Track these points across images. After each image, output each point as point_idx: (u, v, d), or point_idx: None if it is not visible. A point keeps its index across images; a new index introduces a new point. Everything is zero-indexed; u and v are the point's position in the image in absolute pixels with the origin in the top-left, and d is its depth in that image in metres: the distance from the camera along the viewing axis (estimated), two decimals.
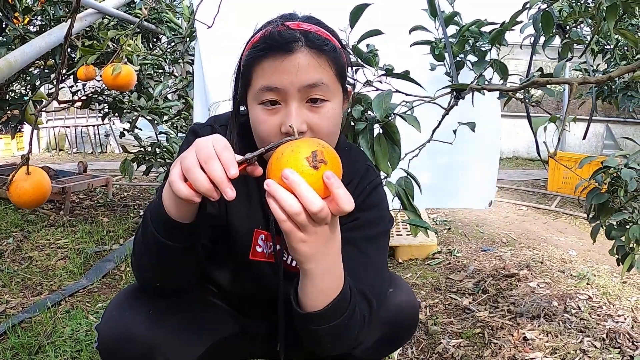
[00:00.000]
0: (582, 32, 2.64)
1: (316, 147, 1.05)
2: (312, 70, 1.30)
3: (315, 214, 1.02)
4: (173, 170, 1.07)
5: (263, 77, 1.30)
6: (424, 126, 1.97)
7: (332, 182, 1.03)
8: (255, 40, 1.36)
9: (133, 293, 1.44)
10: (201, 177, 1.03)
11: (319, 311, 1.20)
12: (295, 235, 1.06)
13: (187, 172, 1.04)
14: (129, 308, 1.39)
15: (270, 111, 1.31)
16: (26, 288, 3.47)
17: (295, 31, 1.31)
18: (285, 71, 1.28)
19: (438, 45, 2.30)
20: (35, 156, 12.36)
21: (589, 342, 2.70)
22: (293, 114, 1.29)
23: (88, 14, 3.22)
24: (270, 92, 1.29)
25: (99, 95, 4.80)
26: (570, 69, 9.03)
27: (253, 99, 1.34)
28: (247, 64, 1.35)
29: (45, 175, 2.19)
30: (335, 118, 1.38)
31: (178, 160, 1.08)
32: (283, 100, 1.30)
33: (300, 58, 1.29)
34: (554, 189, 7.55)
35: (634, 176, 1.99)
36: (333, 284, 1.20)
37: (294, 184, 1.01)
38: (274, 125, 1.31)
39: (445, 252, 4.30)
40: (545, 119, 1.64)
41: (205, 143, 1.06)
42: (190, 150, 1.06)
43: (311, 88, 1.30)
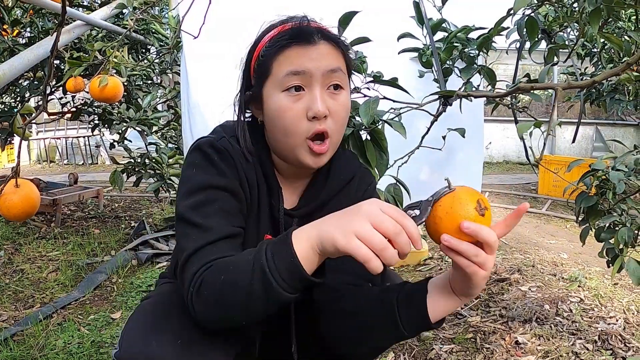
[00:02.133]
0: (568, 37, 2.65)
1: (477, 197, 1.17)
2: (333, 58, 1.40)
3: (493, 246, 1.15)
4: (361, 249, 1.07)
5: (287, 63, 1.36)
6: (412, 133, 1.97)
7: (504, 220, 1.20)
8: (273, 34, 1.42)
9: (154, 317, 1.34)
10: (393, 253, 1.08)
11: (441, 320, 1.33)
12: (479, 275, 1.18)
13: (382, 252, 1.07)
14: (155, 336, 1.28)
15: (295, 97, 1.36)
16: (18, 301, 3.46)
17: (312, 26, 1.41)
18: (309, 57, 1.36)
19: (426, 52, 2.31)
20: (26, 168, 12.32)
21: (581, 345, 2.71)
22: (318, 97, 1.35)
23: (76, 25, 3.22)
24: (295, 76, 1.35)
25: (89, 106, 4.79)
26: (559, 73, 9.10)
27: (276, 87, 1.38)
28: (267, 55, 1.40)
29: (34, 188, 2.19)
30: (348, 107, 1.48)
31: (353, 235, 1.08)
32: (307, 85, 1.37)
33: (322, 48, 1.38)
34: (544, 192, 7.57)
35: (621, 178, 2.00)
36: None
37: (476, 230, 1.12)
38: (300, 111, 1.36)
39: (437, 258, 4.30)
40: (529, 124, 1.65)
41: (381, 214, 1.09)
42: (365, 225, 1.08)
43: (333, 73, 1.38)
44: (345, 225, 1.09)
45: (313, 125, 1.37)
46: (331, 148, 1.44)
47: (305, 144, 1.39)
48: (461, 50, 2.30)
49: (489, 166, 11.54)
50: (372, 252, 1.06)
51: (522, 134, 1.66)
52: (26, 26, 4.02)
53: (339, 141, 1.47)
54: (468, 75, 2.21)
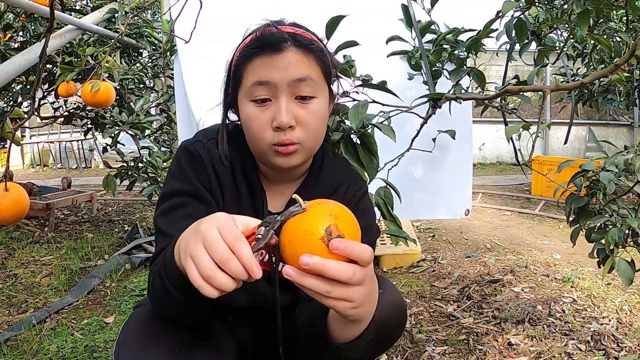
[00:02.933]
0: (558, 38, 2.66)
1: (328, 222, 1.00)
2: (301, 66, 1.38)
3: (350, 281, 1.00)
4: (192, 272, 0.99)
5: (254, 73, 1.37)
6: (401, 136, 1.98)
7: (343, 250, 0.98)
8: (246, 42, 1.43)
9: (149, 327, 1.35)
10: (224, 280, 0.98)
11: (354, 341, 1.24)
12: (341, 306, 1.04)
13: (209, 279, 0.97)
14: (152, 346, 1.29)
15: (262, 107, 1.38)
16: (11, 306, 3.45)
17: (284, 33, 1.39)
18: (275, 67, 1.35)
19: (415, 55, 2.32)
20: (20, 172, 12.29)
21: (574, 345, 2.71)
22: (283, 108, 1.35)
23: (68, 30, 3.22)
24: (261, 86, 1.36)
25: (81, 111, 4.79)
26: (552, 74, 9.11)
27: (244, 96, 1.40)
28: (238, 64, 1.42)
29: (24, 192, 2.19)
30: (322, 115, 1.46)
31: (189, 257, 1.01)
32: (273, 96, 1.37)
33: (290, 55, 1.37)
34: (537, 193, 7.58)
35: (612, 179, 2.00)
36: (371, 317, 1.22)
37: (317, 268, 0.97)
38: (266, 121, 1.37)
39: (430, 260, 4.31)
40: (518, 127, 1.66)
41: (213, 235, 0.99)
42: (198, 247, 0.99)
43: (300, 82, 1.37)
44: (186, 243, 1.03)
45: (278, 135, 1.37)
46: (304, 152, 1.44)
47: (271, 149, 1.40)
48: (450, 52, 2.31)
49: (482, 167, 11.56)
50: (200, 277, 0.98)
51: (510, 136, 1.67)
52: (18, 31, 4.02)
53: (314, 147, 1.47)
54: (457, 77, 2.21)
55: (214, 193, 1.49)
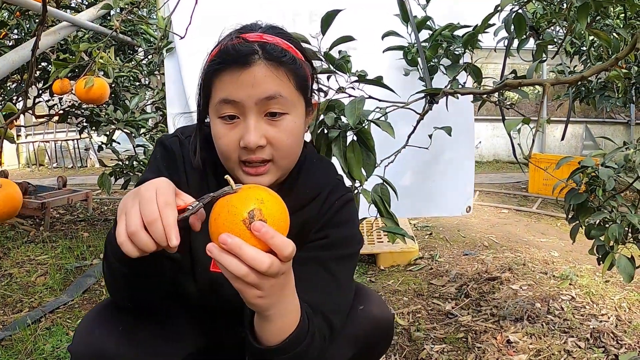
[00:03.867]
0: (556, 33, 2.65)
1: (253, 206, 1.01)
2: (270, 82, 1.30)
3: (266, 272, 0.99)
4: (120, 226, 1.04)
5: (221, 90, 1.31)
6: (398, 132, 1.96)
7: (264, 233, 0.99)
8: (213, 53, 1.36)
9: (101, 311, 1.42)
10: (146, 240, 1.02)
11: (278, 345, 1.18)
12: (249, 293, 1.04)
13: (132, 236, 1.01)
14: (98, 326, 1.36)
15: (229, 125, 1.32)
16: (6, 305, 3.43)
17: (253, 43, 1.31)
18: (242, 84, 1.28)
19: (411, 50, 2.30)
20: (15, 171, 12.27)
21: (573, 343, 2.70)
22: (251, 128, 1.29)
23: (62, 27, 3.20)
24: (228, 105, 1.30)
25: (76, 109, 4.77)
26: (548, 71, 9.12)
27: (213, 111, 1.35)
28: (206, 78, 1.36)
29: (17, 188, 2.16)
30: (296, 131, 1.38)
31: (123, 213, 1.05)
32: (241, 114, 1.30)
33: (257, 71, 1.29)
34: (534, 190, 7.58)
35: (611, 175, 1.99)
36: (291, 319, 1.18)
37: (234, 248, 0.98)
38: (233, 140, 1.31)
39: (427, 258, 4.30)
40: (518, 121, 1.64)
41: (149, 196, 1.04)
42: (134, 205, 1.04)
43: (269, 100, 1.29)
44: (125, 202, 1.07)
45: (247, 153, 1.32)
46: (276, 171, 1.39)
47: (240, 168, 1.36)
48: (446, 48, 2.29)
49: (479, 165, 11.57)
50: (124, 232, 1.02)
51: (510, 131, 1.65)
52: (13, 28, 4.00)
53: (287, 165, 1.42)
54: (454, 73, 2.20)
55: (182, 187, 1.46)
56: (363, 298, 1.60)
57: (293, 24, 2.83)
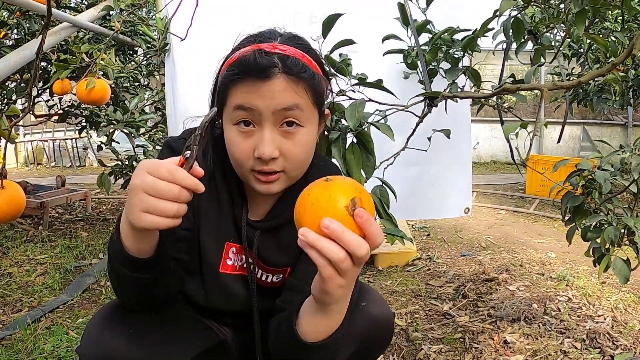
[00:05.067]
0: (554, 37, 2.66)
1: (354, 194, 1.02)
2: (288, 95, 1.31)
3: (361, 258, 1.00)
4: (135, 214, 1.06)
5: (238, 97, 1.31)
6: (397, 134, 1.97)
7: (366, 220, 1.00)
8: (232, 60, 1.36)
9: (111, 312, 1.42)
10: (169, 205, 1.05)
11: (324, 341, 1.21)
12: (335, 281, 1.03)
13: (156, 211, 1.04)
14: (108, 328, 1.37)
15: (244, 134, 1.33)
16: (6, 305, 3.44)
17: (273, 56, 1.31)
18: (260, 95, 1.29)
19: (410, 53, 2.32)
20: (14, 170, 12.25)
21: (570, 343, 2.72)
22: (266, 139, 1.31)
23: (63, 27, 3.20)
24: (243, 111, 1.31)
25: (75, 109, 4.77)
26: (546, 73, 9.13)
27: (227, 118, 1.36)
28: (223, 84, 1.36)
29: (20, 189, 2.17)
30: (309, 144, 1.40)
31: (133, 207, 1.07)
32: (257, 123, 1.32)
33: (276, 84, 1.30)
34: (532, 192, 7.60)
35: (607, 178, 2.01)
36: (340, 318, 1.21)
37: (337, 233, 0.97)
38: (247, 150, 1.33)
39: (425, 258, 4.31)
40: (516, 125, 1.66)
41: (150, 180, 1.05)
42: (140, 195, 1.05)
43: (286, 111, 1.31)
44: (131, 205, 1.07)
45: (260, 164, 1.34)
46: (286, 180, 1.41)
47: (252, 175, 1.38)
48: (446, 51, 2.30)
49: (476, 166, 11.57)
50: (156, 217, 1.04)
51: (508, 135, 1.67)
52: (13, 28, 4.00)
53: (297, 175, 1.44)
54: (453, 76, 2.21)
55: None
56: (365, 296, 1.62)
57: (294, 25, 2.85)
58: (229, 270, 1.56)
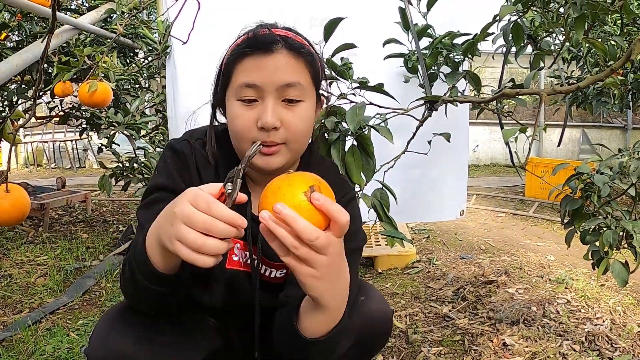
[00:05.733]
0: (554, 41, 2.68)
1: (313, 183, 1.05)
2: (290, 71, 1.40)
3: (313, 242, 1.01)
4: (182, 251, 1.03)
5: (243, 73, 1.39)
6: (397, 137, 1.99)
7: (323, 202, 1.02)
8: (238, 42, 1.44)
9: (119, 314, 1.43)
10: (215, 243, 1.03)
11: (324, 337, 1.23)
12: (302, 271, 1.05)
13: (201, 249, 1.02)
14: (116, 329, 1.37)
15: (248, 106, 1.39)
16: (6, 306, 3.45)
17: (275, 35, 1.41)
18: (264, 69, 1.36)
19: (411, 57, 2.33)
20: (13, 172, 12.24)
21: (568, 346, 2.73)
22: (269, 109, 1.36)
23: (64, 30, 3.21)
24: (249, 88, 1.37)
25: (76, 110, 4.78)
26: (546, 76, 9.14)
27: (232, 95, 1.42)
28: (228, 62, 1.43)
29: (25, 193, 2.19)
30: (309, 118, 1.47)
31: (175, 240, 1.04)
32: (260, 97, 1.38)
33: (279, 58, 1.38)
34: (531, 194, 7.60)
35: (606, 182, 2.02)
36: (340, 313, 1.22)
37: (288, 219, 0.99)
38: (250, 120, 1.38)
39: (424, 261, 4.32)
40: (515, 130, 1.67)
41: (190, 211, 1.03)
42: (180, 227, 1.03)
43: (288, 88, 1.38)
44: (167, 230, 1.07)
45: (261, 134, 1.38)
46: (287, 153, 1.45)
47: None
48: (446, 55, 2.32)
49: (476, 169, 11.58)
50: (192, 252, 1.02)
51: (508, 139, 1.68)
52: (14, 30, 4.01)
53: (297, 149, 1.48)
54: (453, 80, 2.22)
55: None
56: (363, 291, 1.63)
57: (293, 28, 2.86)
58: (235, 266, 1.57)
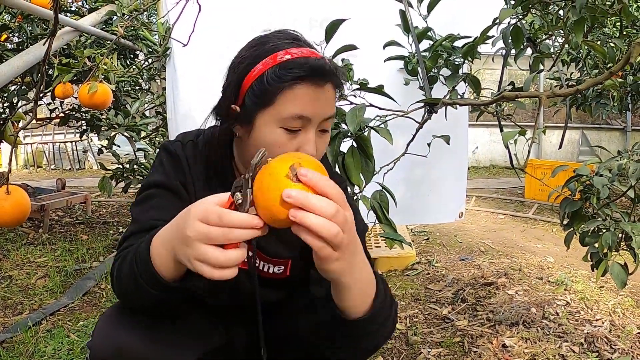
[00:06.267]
0: (554, 43, 2.68)
1: (292, 162, 0.99)
2: (333, 104, 1.40)
3: (334, 216, 0.97)
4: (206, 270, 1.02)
5: (295, 103, 1.31)
6: (396, 137, 1.99)
7: (311, 177, 0.98)
8: (282, 60, 1.33)
9: (120, 310, 1.43)
10: (236, 253, 1.02)
11: (366, 315, 1.22)
12: (329, 256, 1.02)
13: (225, 264, 1.01)
14: (120, 323, 1.38)
15: (291, 136, 1.34)
16: (7, 307, 3.45)
17: (329, 65, 1.35)
18: (317, 101, 1.33)
19: (411, 60, 2.34)
20: (13, 173, 12.12)
21: (568, 347, 2.73)
22: (312, 142, 1.35)
23: (65, 32, 3.22)
24: (300, 120, 1.33)
25: (77, 112, 4.79)
26: (545, 78, 9.14)
27: (273, 120, 1.34)
28: (273, 84, 1.31)
29: (25, 194, 2.19)
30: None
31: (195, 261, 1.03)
32: (304, 127, 1.35)
33: (328, 91, 1.36)
34: (531, 196, 7.60)
35: (605, 184, 2.02)
36: (370, 287, 1.23)
37: (301, 199, 0.95)
38: (291, 149, 1.35)
39: (424, 263, 4.32)
40: (514, 133, 1.68)
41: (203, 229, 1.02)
42: (198, 247, 1.02)
43: (327, 120, 1.38)
44: (184, 252, 1.06)
45: None
46: None
47: None
48: (446, 58, 2.32)
49: (476, 170, 11.58)
50: (215, 269, 1.01)
51: (507, 142, 1.68)
52: (15, 31, 4.01)
53: None
54: (453, 83, 2.23)
55: (189, 189, 1.52)
56: None
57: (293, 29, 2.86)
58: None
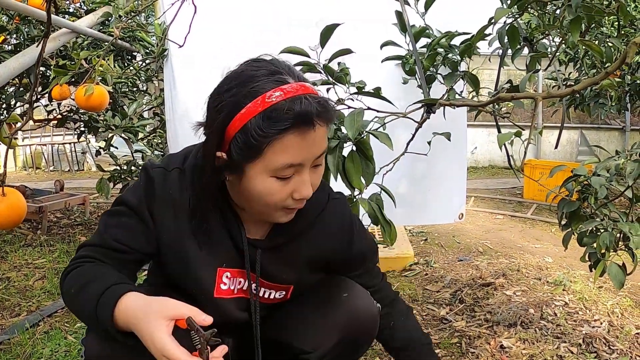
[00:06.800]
0: (551, 42, 2.68)
1: None
2: (323, 141, 1.35)
3: None
4: None
5: (285, 154, 1.27)
6: (396, 140, 1.99)
7: None
8: (267, 105, 1.25)
9: None
10: None
11: None
12: None
13: None
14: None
15: (284, 182, 1.33)
16: (4, 309, 3.44)
17: (315, 106, 1.27)
18: (306, 146, 1.29)
19: (409, 60, 2.33)
20: (12, 174, 12.23)
21: (566, 348, 2.73)
22: (307, 182, 1.35)
23: (62, 33, 3.22)
24: (292, 168, 1.31)
25: (74, 114, 4.79)
26: (544, 78, 9.13)
27: (264, 170, 1.30)
28: (259, 136, 1.25)
29: (21, 196, 2.19)
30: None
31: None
32: (297, 171, 1.33)
33: (318, 131, 1.30)
34: (529, 196, 7.59)
35: (603, 184, 2.02)
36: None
37: None
38: (287, 194, 1.35)
39: (422, 263, 4.31)
40: (510, 134, 1.68)
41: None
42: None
43: (321, 156, 1.36)
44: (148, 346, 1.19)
45: (295, 202, 1.37)
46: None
47: (283, 210, 1.41)
48: (444, 56, 2.32)
49: (474, 171, 11.57)
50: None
51: (502, 144, 1.68)
52: (12, 33, 4.01)
53: None
54: (451, 81, 2.23)
55: (157, 218, 1.49)
56: (346, 288, 1.65)
57: (288, 30, 2.86)
58: (224, 294, 1.58)
